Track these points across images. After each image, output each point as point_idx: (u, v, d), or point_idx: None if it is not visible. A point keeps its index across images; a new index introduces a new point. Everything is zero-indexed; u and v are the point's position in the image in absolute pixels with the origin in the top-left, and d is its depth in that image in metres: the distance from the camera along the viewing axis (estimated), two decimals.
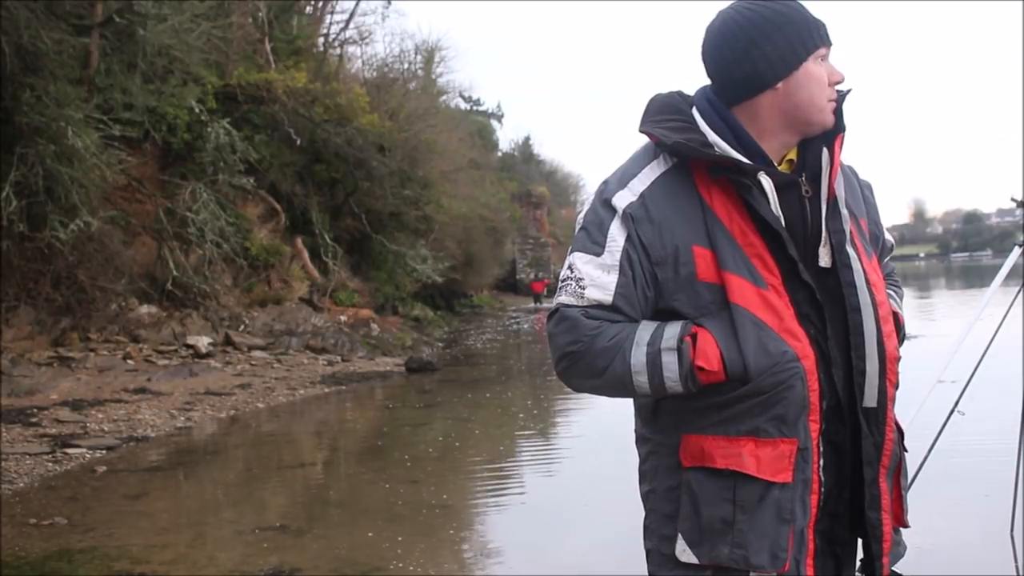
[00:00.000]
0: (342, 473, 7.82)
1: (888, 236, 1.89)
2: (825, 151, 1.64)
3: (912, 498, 1.80)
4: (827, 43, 1.62)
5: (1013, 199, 4.05)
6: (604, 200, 1.62)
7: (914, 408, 3.12)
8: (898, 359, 1.66)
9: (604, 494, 5.98)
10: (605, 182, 1.67)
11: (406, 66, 28.88)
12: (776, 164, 1.64)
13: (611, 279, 1.59)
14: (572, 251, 1.65)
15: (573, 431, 9.38)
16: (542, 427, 9.74)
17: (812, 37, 1.60)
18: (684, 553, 1.60)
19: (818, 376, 1.57)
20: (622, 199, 1.60)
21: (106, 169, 12.63)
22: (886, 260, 1.89)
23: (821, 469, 1.58)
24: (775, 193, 1.59)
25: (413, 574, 4.63)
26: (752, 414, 1.55)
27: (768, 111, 1.61)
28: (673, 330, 1.57)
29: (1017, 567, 3.61)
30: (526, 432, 9.37)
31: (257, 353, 14.53)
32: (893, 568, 1.66)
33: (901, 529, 1.72)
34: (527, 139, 57.00)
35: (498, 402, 11.46)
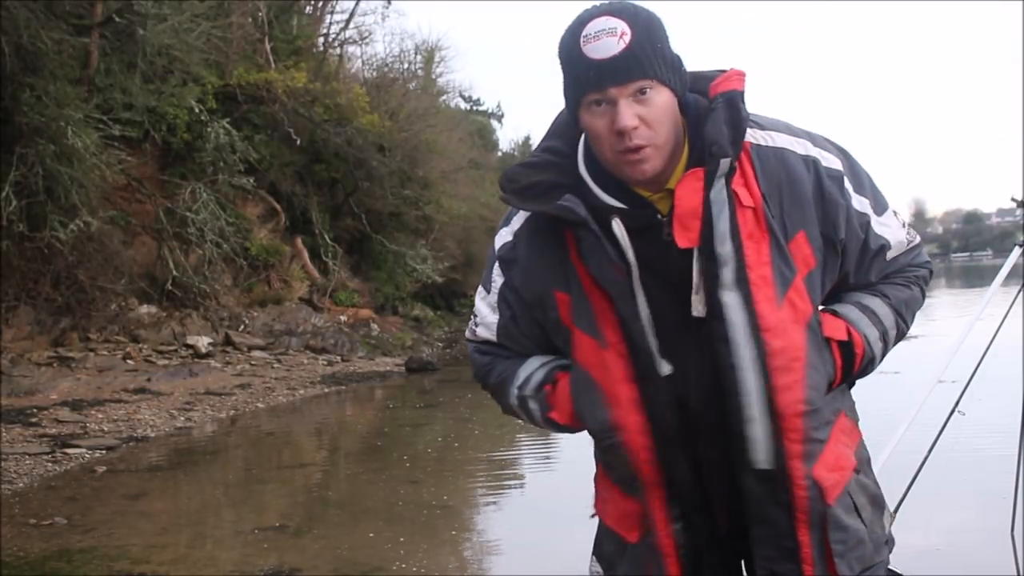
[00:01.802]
0: (342, 473, 7.82)
1: (881, 232, 1.53)
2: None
3: (912, 498, 1.79)
4: (594, 88, 1.34)
5: (1013, 199, 4.06)
6: (494, 239, 1.59)
7: (914, 408, 3.12)
8: (804, 412, 1.40)
9: None
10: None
11: (406, 66, 28.82)
12: (657, 191, 1.43)
13: (494, 319, 1.60)
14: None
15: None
16: None
17: (577, 83, 1.37)
18: (593, 566, 1.67)
19: (650, 445, 1.43)
20: (500, 239, 1.56)
21: (106, 169, 12.61)
22: (895, 256, 1.57)
23: (676, 534, 1.48)
24: (626, 237, 1.40)
25: (415, 574, 4.63)
26: (615, 466, 1.56)
27: None
28: (540, 376, 1.57)
29: (1017, 567, 3.60)
30: (526, 432, 9.37)
31: (257, 353, 14.53)
32: (891, 568, 1.65)
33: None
34: (527, 139, 56.74)
35: None
